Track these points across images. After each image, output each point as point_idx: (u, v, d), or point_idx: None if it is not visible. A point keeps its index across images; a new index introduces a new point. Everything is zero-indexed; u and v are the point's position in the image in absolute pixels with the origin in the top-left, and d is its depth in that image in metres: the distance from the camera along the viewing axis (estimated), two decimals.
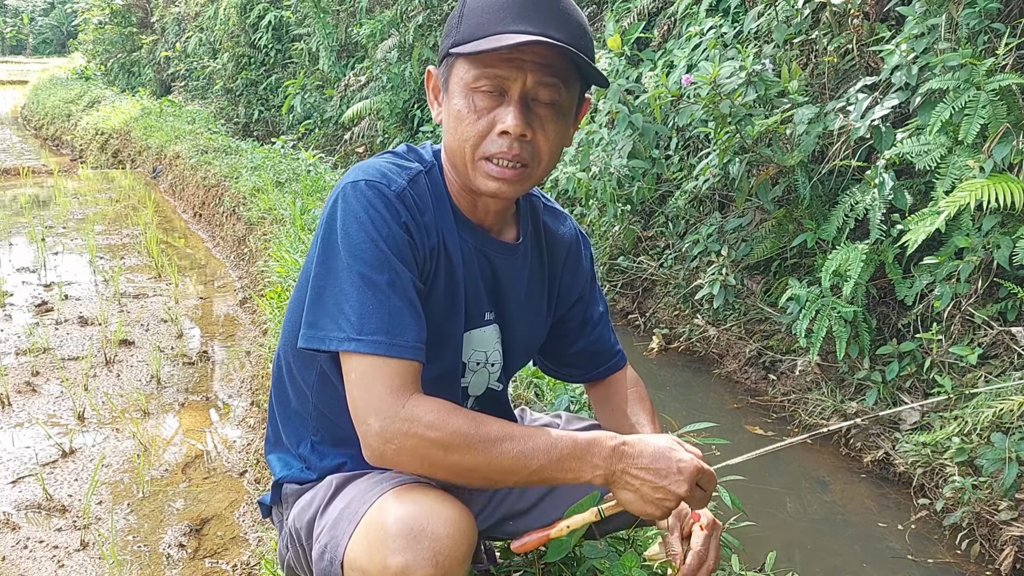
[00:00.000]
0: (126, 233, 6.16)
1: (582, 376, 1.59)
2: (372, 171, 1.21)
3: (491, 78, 1.17)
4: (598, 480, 1.17)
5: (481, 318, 1.35)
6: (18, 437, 2.87)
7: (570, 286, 1.51)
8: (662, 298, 4.61)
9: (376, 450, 1.14)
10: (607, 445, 1.17)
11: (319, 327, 1.17)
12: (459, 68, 1.20)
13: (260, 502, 1.52)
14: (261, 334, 3.89)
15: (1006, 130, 2.84)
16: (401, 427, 1.11)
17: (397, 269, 1.16)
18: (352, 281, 1.15)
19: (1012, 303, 2.94)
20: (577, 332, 1.54)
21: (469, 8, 1.19)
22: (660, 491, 1.16)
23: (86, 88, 13.71)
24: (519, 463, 1.13)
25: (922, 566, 2.57)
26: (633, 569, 1.49)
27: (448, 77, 1.23)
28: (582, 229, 1.58)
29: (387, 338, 1.13)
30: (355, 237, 1.16)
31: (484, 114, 1.19)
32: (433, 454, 1.12)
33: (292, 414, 1.41)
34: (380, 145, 8.22)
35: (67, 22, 32.08)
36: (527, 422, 1.65)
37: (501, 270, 1.36)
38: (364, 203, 1.17)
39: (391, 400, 1.12)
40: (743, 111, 3.67)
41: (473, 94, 1.19)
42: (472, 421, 1.14)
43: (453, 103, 1.21)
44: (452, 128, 1.22)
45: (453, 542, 1.10)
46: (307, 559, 1.31)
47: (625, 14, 5.35)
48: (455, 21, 1.21)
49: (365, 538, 1.13)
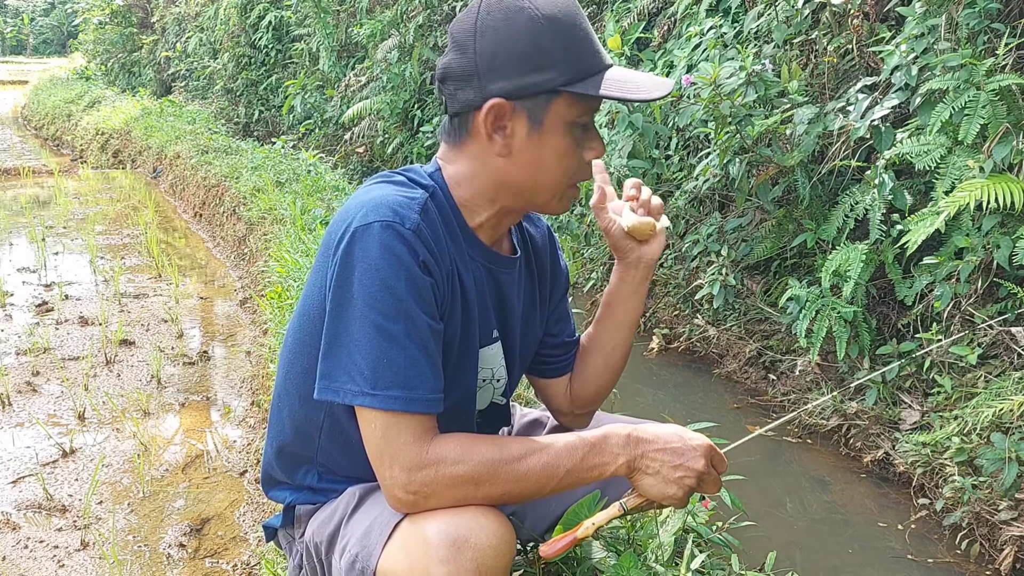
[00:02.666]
0: (126, 233, 6.16)
1: (554, 369, 1.55)
2: (383, 209, 1.15)
3: (592, 112, 1.24)
4: (622, 470, 1.18)
5: (490, 336, 1.35)
6: (18, 437, 2.87)
7: (554, 288, 1.51)
8: (662, 298, 4.61)
9: (405, 500, 1.13)
10: (620, 434, 1.19)
11: (333, 378, 1.14)
12: (562, 105, 1.20)
13: (265, 526, 1.50)
14: (261, 334, 3.89)
15: (1006, 130, 2.84)
16: (429, 473, 1.11)
17: (414, 317, 1.13)
18: (366, 331, 1.12)
19: (1012, 303, 2.94)
20: (558, 328, 1.54)
21: (568, 40, 1.18)
22: (680, 469, 1.17)
23: (86, 88, 13.72)
24: (548, 472, 1.14)
25: (922, 566, 2.57)
26: (632, 569, 1.49)
27: (545, 114, 1.20)
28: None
29: (404, 392, 1.12)
30: (371, 285, 1.12)
31: (583, 145, 1.25)
32: (464, 491, 1.12)
33: (290, 456, 1.37)
34: (380, 145, 8.22)
35: (67, 22, 32.09)
36: (517, 417, 1.66)
37: (505, 285, 1.36)
38: (379, 247, 1.12)
39: (415, 449, 1.12)
40: (743, 111, 3.67)
41: (572, 128, 1.22)
42: (494, 446, 1.14)
43: (552, 140, 1.21)
44: (553, 165, 1.23)
45: (496, 552, 1.09)
46: (325, 572, 1.30)
47: (625, 14, 5.35)
48: (559, 54, 1.17)
49: (402, 548, 1.12)
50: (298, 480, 1.38)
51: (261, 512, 2.43)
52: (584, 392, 1.53)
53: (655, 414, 3.34)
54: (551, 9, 1.18)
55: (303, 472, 1.37)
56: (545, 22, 1.17)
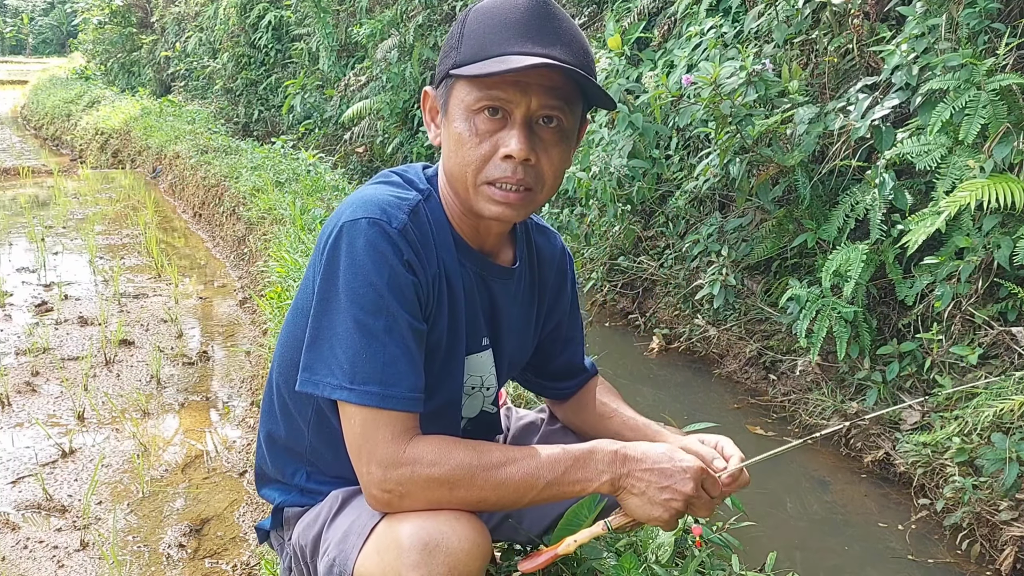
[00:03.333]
0: (126, 233, 6.16)
1: (557, 391, 1.58)
2: (372, 207, 1.16)
3: (494, 100, 1.13)
4: (605, 488, 1.16)
5: (479, 344, 1.34)
6: (18, 437, 2.87)
7: (555, 306, 1.50)
8: (662, 298, 4.61)
9: (380, 499, 1.13)
10: (608, 450, 1.17)
11: (313, 371, 1.15)
12: (460, 90, 1.15)
13: (258, 527, 1.50)
14: (261, 334, 3.89)
15: (1006, 130, 2.84)
16: (404, 472, 1.10)
17: (395, 314, 1.13)
18: (347, 326, 1.12)
19: (1012, 303, 2.94)
20: (559, 349, 1.54)
21: (470, 28, 1.15)
22: (667, 491, 1.15)
23: (86, 88, 13.72)
24: (527, 483, 1.13)
25: (922, 566, 2.57)
26: (632, 570, 1.49)
27: (448, 99, 1.18)
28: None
29: (380, 388, 1.11)
30: (353, 280, 1.12)
31: (487, 137, 1.15)
32: (439, 494, 1.11)
33: (281, 450, 1.38)
34: (380, 145, 8.22)
35: (67, 22, 32.08)
36: (513, 420, 1.65)
37: (499, 295, 1.34)
38: (364, 243, 1.13)
39: (392, 447, 1.11)
40: (743, 111, 3.66)
41: (475, 116, 1.15)
42: (473, 451, 1.13)
43: (454, 126, 1.17)
44: (453, 152, 1.18)
45: (469, 557, 1.08)
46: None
47: (625, 14, 5.34)
48: (455, 41, 1.17)
49: (377, 552, 1.12)
50: (288, 479, 1.38)
51: (260, 512, 2.43)
52: (575, 427, 1.56)
53: (655, 414, 3.33)
54: (497, 2, 1.15)
55: (293, 470, 1.37)
56: (471, 12, 1.17)
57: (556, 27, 1.14)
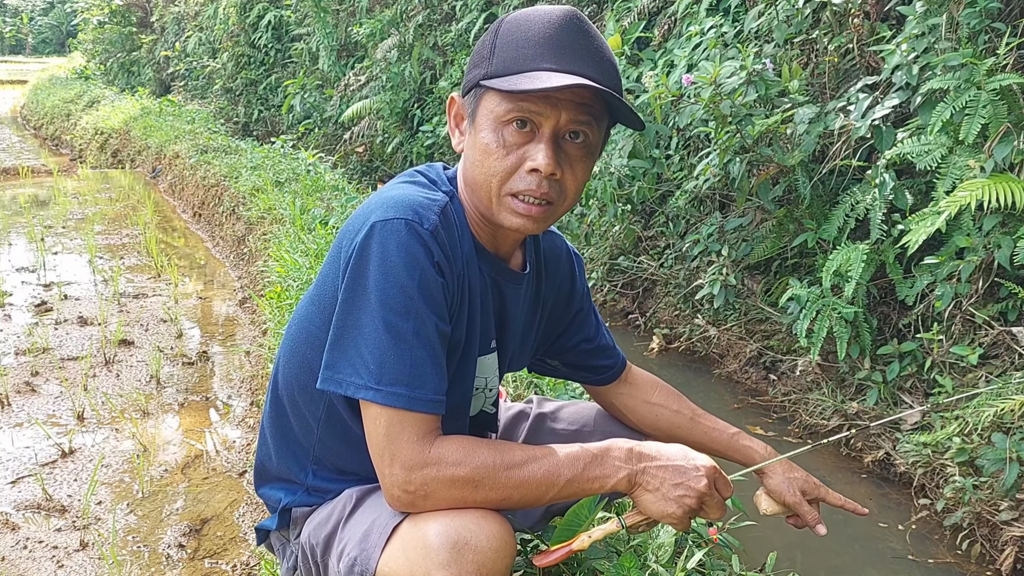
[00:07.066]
0: (125, 233, 6.16)
1: (594, 378, 1.63)
2: (404, 207, 1.16)
3: (524, 113, 1.14)
4: (623, 484, 1.17)
5: (488, 345, 1.35)
6: (18, 437, 2.87)
7: (563, 309, 1.53)
8: (662, 298, 4.61)
9: (402, 499, 1.13)
10: (623, 447, 1.18)
11: (337, 369, 1.15)
12: (490, 100, 1.17)
13: (258, 528, 1.49)
14: (261, 334, 3.88)
15: (1007, 130, 2.84)
16: (428, 472, 1.11)
17: (424, 317, 1.13)
18: (375, 327, 1.12)
19: (1013, 303, 2.94)
20: (592, 332, 1.58)
21: (503, 39, 1.16)
22: (681, 487, 1.16)
23: (85, 88, 13.72)
24: (548, 480, 1.14)
25: (923, 566, 2.57)
26: (632, 570, 1.49)
27: (476, 108, 1.19)
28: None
29: (407, 390, 1.12)
30: (384, 281, 1.12)
31: (514, 149, 1.16)
32: (463, 493, 1.11)
33: (292, 443, 1.38)
34: (380, 145, 8.21)
35: (66, 22, 32.07)
36: (502, 410, 1.67)
37: (508, 299, 1.36)
38: (396, 244, 1.13)
39: (417, 448, 1.11)
40: (743, 111, 3.66)
41: (503, 128, 1.16)
42: (495, 450, 1.14)
43: (481, 135, 1.18)
44: (479, 161, 1.19)
45: (497, 555, 1.09)
46: (321, 575, 1.29)
47: (625, 14, 5.34)
48: (487, 51, 1.18)
49: (402, 551, 1.11)
50: (294, 476, 1.38)
51: (260, 513, 2.42)
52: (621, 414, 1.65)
53: None
54: (527, 13, 1.18)
55: (299, 468, 1.37)
56: (504, 24, 1.19)
57: (588, 44, 1.15)
